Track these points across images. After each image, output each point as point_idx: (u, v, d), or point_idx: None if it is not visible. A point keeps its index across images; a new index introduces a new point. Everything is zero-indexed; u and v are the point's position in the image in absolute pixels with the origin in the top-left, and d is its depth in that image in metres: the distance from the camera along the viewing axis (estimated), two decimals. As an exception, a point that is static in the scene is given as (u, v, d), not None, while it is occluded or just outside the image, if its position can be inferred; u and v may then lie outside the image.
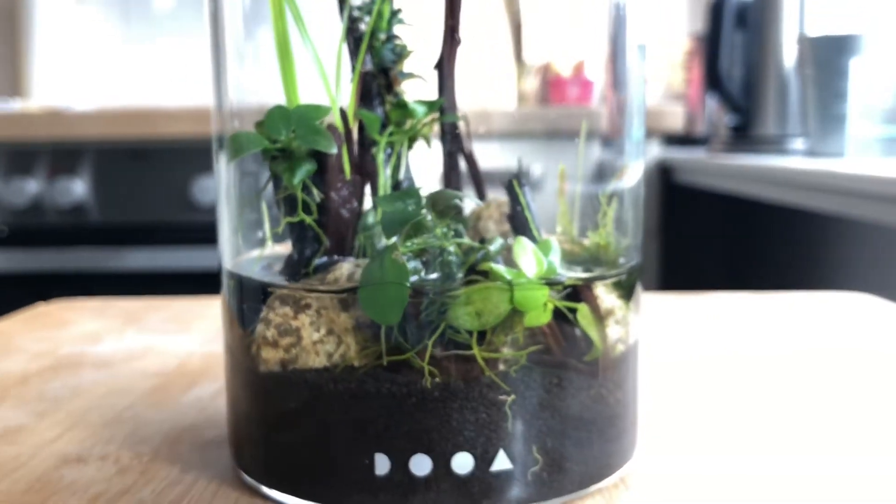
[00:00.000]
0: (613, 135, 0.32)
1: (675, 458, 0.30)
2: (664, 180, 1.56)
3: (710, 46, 1.33)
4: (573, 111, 0.37)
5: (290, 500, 0.27)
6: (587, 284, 0.27)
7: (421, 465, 0.25)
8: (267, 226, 0.32)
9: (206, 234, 1.53)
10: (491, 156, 0.36)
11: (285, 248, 0.31)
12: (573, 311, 0.27)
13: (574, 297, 0.27)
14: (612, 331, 0.28)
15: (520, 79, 0.42)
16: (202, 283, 1.56)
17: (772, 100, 1.34)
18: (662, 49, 1.89)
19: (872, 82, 1.04)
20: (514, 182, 0.29)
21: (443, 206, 0.27)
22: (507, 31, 0.37)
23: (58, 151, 1.54)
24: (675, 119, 1.56)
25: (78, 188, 1.53)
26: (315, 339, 0.26)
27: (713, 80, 1.34)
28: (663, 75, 1.89)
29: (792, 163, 1.11)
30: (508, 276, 0.25)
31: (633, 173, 0.30)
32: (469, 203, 0.32)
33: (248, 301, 0.28)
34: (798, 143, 1.32)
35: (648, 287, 1.55)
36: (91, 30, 2.00)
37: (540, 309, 0.26)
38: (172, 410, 0.36)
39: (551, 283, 0.26)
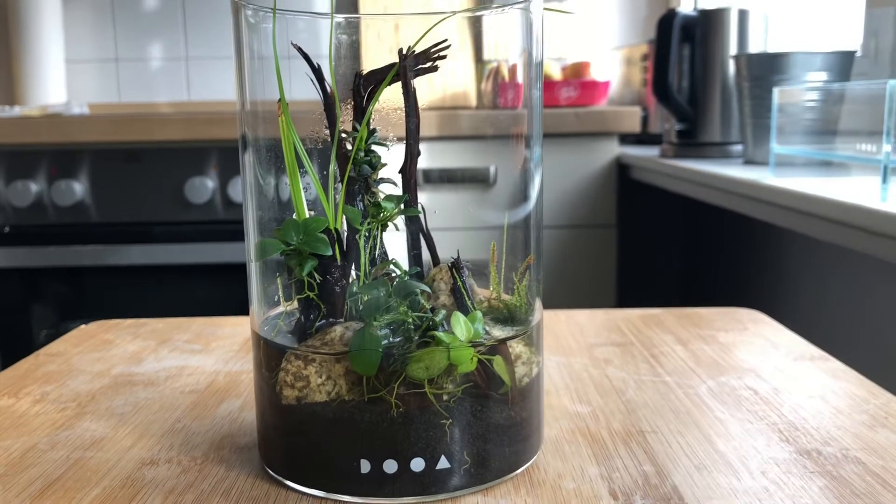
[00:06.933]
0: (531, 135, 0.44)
1: (566, 455, 0.44)
2: (621, 176, 1.69)
3: (658, 60, 1.45)
4: (508, 114, 0.46)
5: (302, 488, 0.40)
6: (502, 342, 0.41)
7: (390, 465, 0.39)
8: (281, 292, 0.45)
9: (196, 231, 1.65)
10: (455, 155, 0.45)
11: (291, 305, 0.44)
12: (492, 360, 0.40)
13: (493, 350, 0.40)
14: (520, 370, 0.41)
15: (479, 81, 0.46)
16: (193, 275, 1.68)
17: (716, 109, 1.47)
18: (623, 51, 2.01)
19: (797, 101, 1.17)
20: (453, 269, 0.42)
21: (404, 293, 0.40)
22: (467, 32, 0.41)
23: (58, 155, 1.64)
24: (633, 119, 1.69)
25: (77, 189, 1.64)
26: (319, 382, 0.39)
27: (661, 92, 1.46)
28: (623, 76, 2.01)
29: (719, 169, 1.23)
30: (447, 341, 0.39)
31: (536, 253, 0.43)
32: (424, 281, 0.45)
33: (273, 356, 0.41)
34: (739, 151, 1.45)
35: (608, 272, 1.69)
36: (78, 32, 2.09)
37: (468, 361, 0.39)
38: (211, 422, 0.49)
39: (476, 344, 0.39)
